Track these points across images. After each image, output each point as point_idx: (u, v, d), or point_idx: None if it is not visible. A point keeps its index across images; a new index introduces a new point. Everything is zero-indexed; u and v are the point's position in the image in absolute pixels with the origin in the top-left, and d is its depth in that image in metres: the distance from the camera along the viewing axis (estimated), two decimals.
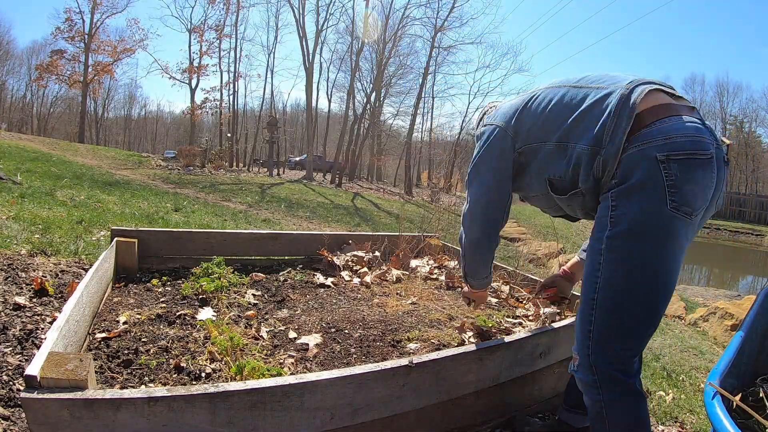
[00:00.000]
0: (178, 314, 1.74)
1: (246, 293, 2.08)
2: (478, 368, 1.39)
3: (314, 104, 24.42)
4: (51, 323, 1.75)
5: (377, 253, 2.79)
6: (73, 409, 0.88)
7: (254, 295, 2.08)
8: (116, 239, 2.17)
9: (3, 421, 1.23)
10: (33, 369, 0.91)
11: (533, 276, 2.44)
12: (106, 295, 1.89)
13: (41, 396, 0.87)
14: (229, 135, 23.95)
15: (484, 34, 56.85)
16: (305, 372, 1.42)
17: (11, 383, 1.38)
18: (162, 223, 4.49)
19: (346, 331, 1.77)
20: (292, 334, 1.70)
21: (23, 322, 1.73)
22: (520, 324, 1.91)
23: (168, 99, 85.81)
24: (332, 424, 1.12)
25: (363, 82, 24.66)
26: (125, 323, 1.61)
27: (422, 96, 23.46)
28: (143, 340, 1.52)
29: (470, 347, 1.38)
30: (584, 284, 1.13)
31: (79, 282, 1.57)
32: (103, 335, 1.51)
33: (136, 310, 1.75)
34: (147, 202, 6.21)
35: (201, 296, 1.95)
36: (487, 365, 1.41)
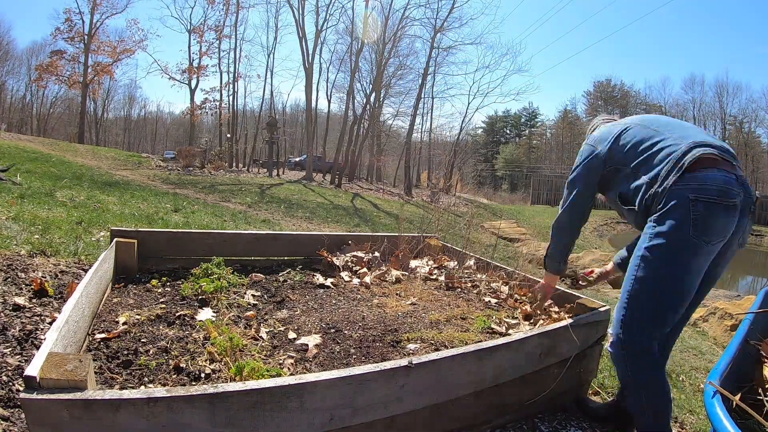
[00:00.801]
0: (178, 315, 1.74)
1: (245, 294, 2.08)
2: (478, 368, 1.39)
3: (314, 105, 24.39)
4: (50, 324, 1.75)
5: (377, 254, 2.79)
6: (73, 410, 0.88)
7: (254, 296, 2.08)
8: (116, 240, 2.17)
9: (3, 422, 1.23)
10: (32, 369, 0.91)
11: (533, 276, 2.43)
12: (106, 296, 1.88)
13: (41, 396, 0.87)
14: (229, 135, 23.93)
15: (484, 35, 57.29)
16: (305, 373, 1.42)
17: (11, 384, 1.38)
18: (161, 224, 4.49)
19: (346, 332, 1.77)
20: (292, 335, 1.70)
21: (23, 323, 1.73)
22: (519, 324, 1.91)
23: (168, 99, 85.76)
24: (332, 425, 1.12)
25: (363, 83, 24.68)
26: (125, 324, 1.61)
27: (422, 96, 23.39)
28: (143, 341, 1.52)
29: (470, 348, 1.38)
30: (625, 280, 1.46)
31: (79, 282, 1.57)
32: (103, 336, 1.51)
33: (136, 311, 1.75)
34: (146, 203, 6.21)
35: (200, 297, 1.95)
36: (487, 365, 1.41)
